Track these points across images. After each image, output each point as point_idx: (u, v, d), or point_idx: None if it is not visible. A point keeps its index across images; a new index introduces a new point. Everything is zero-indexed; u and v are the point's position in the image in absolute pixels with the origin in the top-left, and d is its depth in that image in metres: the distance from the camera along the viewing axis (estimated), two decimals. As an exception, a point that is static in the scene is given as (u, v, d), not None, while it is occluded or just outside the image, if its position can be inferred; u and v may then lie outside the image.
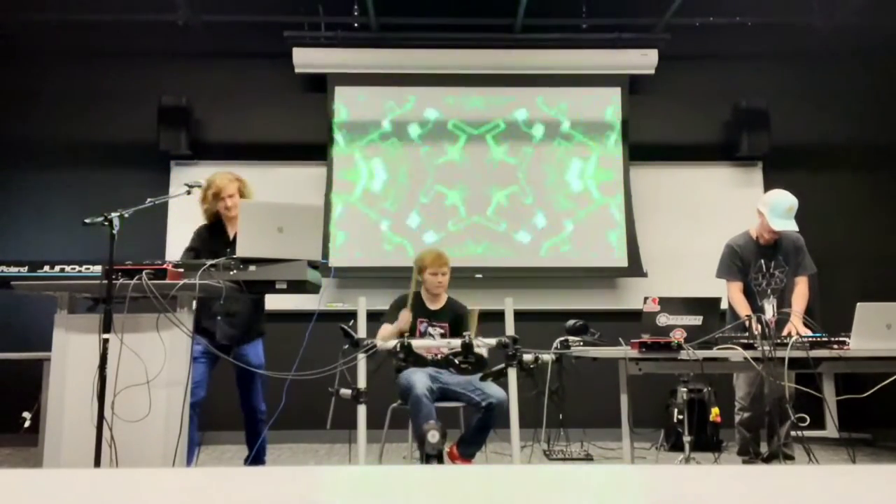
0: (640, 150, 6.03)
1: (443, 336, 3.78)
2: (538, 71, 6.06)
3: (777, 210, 3.75)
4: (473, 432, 3.68)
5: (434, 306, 3.94)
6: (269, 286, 2.77)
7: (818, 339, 3.11)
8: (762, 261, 3.93)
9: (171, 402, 2.63)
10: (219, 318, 3.30)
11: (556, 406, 4.64)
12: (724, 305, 3.87)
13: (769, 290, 3.90)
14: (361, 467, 2.44)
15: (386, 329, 3.73)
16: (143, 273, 2.61)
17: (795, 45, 6.12)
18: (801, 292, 3.87)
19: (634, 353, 3.00)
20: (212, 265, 2.72)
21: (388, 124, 5.99)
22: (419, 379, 3.51)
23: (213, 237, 3.42)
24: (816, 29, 5.93)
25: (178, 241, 5.44)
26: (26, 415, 4.07)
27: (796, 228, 3.75)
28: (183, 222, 5.37)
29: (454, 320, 3.91)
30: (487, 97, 6.05)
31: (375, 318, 3.25)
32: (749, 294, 3.91)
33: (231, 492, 0.84)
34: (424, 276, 3.89)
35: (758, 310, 3.57)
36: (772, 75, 6.17)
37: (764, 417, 3.85)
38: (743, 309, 3.77)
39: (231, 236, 3.39)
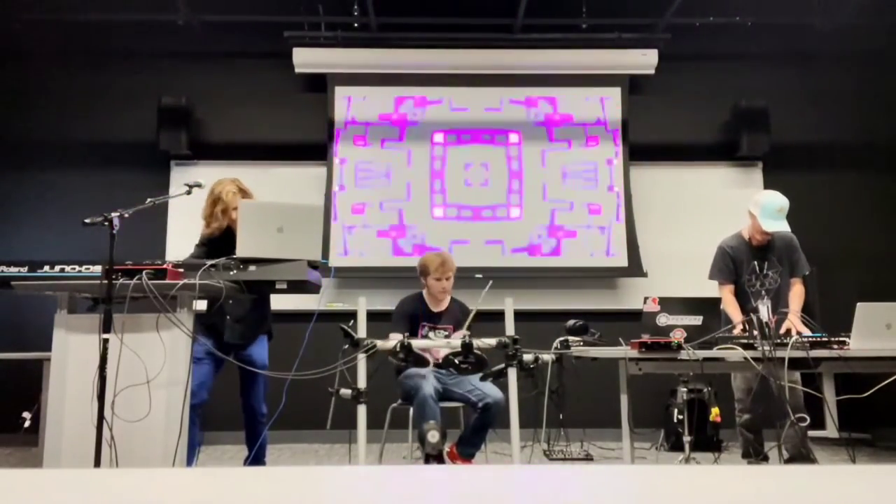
0: (640, 150, 6.03)
1: (447, 338, 3.78)
2: (538, 71, 6.06)
3: (767, 211, 3.72)
4: (472, 432, 3.68)
5: (438, 308, 3.94)
6: (270, 286, 2.77)
7: (818, 339, 3.11)
8: (755, 262, 3.91)
9: (171, 402, 2.63)
10: (227, 317, 3.27)
11: (556, 406, 4.64)
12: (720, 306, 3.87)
13: (763, 291, 3.89)
14: (361, 467, 2.44)
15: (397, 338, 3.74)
16: (143, 273, 2.61)
17: (795, 45, 6.13)
18: (797, 292, 3.86)
19: (634, 353, 3.00)
20: (212, 265, 2.72)
21: (388, 124, 5.99)
22: (426, 380, 3.51)
23: (222, 243, 3.38)
24: (816, 29, 5.93)
25: (178, 241, 5.46)
26: (26, 415, 4.07)
27: (788, 229, 3.72)
28: (183, 222, 5.39)
29: (458, 322, 3.91)
30: (487, 97, 6.05)
31: (375, 318, 3.25)
32: (742, 295, 3.90)
33: (231, 492, 0.84)
34: (428, 280, 3.89)
35: (752, 310, 3.56)
36: (772, 75, 6.16)
37: (764, 418, 3.85)
38: (735, 312, 3.76)
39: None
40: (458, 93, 6.05)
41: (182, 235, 3.59)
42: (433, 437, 3.19)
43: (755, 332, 3.08)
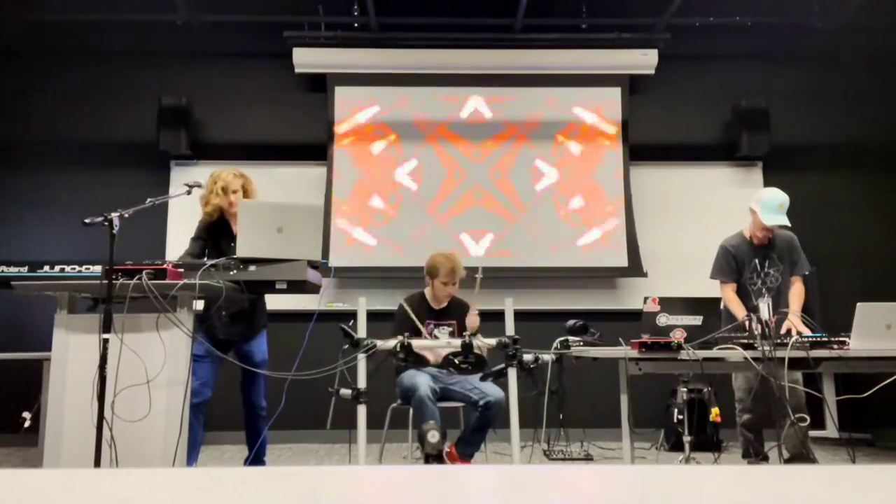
0: (640, 150, 6.03)
1: (451, 334, 3.80)
2: (538, 71, 6.06)
3: (768, 206, 3.75)
4: (472, 432, 3.68)
5: (439, 306, 3.96)
6: (269, 286, 2.77)
7: (818, 339, 3.11)
8: (756, 260, 3.92)
9: (171, 402, 2.63)
10: (223, 313, 3.28)
11: (556, 406, 4.64)
12: (720, 306, 3.87)
13: (764, 290, 3.90)
14: (361, 467, 2.44)
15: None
16: (143, 273, 2.61)
17: (795, 45, 6.13)
18: (797, 291, 3.87)
19: (634, 353, 3.00)
20: (212, 265, 2.72)
21: (388, 124, 5.99)
22: (423, 380, 3.51)
23: (219, 232, 3.40)
24: (816, 29, 5.93)
25: (178, 241, 5.45)
26: (26, 415, 4.08)
27: (788, 223, 3.75)
28: (183, 222, 5.37)
29: (460, 317, 3.92)
30: (487, 97, 6.05)
31: (375, 318, 3.25)
32: (744, 294, 3.91)
33: (231, 492, 0.84)
34: (434, 283, 3.90)
35: (752, 309, 3.57)
36: (772, 75, 6.17)
37: (765, 417, 3.84)
38: (738, 310, 3.77)
39: (236, 232, 3.38)
40: (458, 93, 6.05)
41: (182, 235, 3.59)
42: (433, 437, 3.19)
43: (755, 332, 3.08)
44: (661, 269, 5.77)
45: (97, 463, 2.52)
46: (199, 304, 2.80)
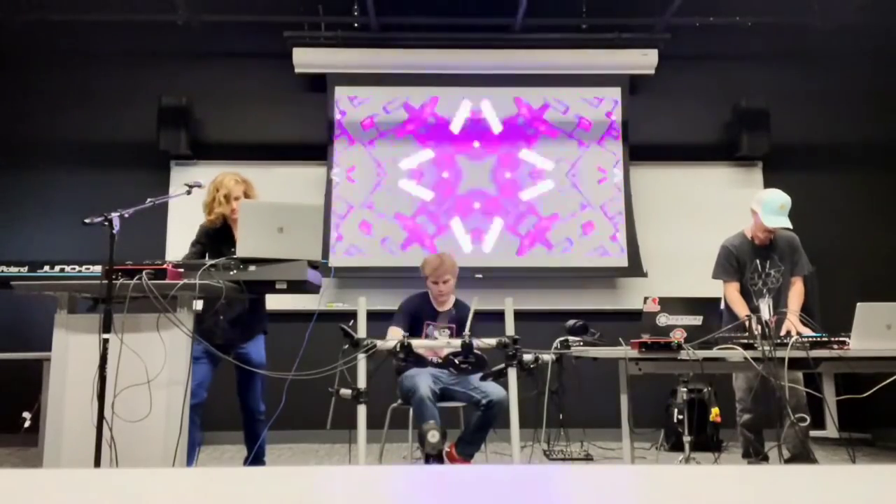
0: (640, 150, 6.03)
1: (451, 336, 3.79)
2: (538, 71, 6.06)
3: (770, 207, 3.75)
4: (473, 431, 3.68)
5: (442, 308, 3.96)
6: (269, 286, 2.77)
7: (818, 339, 3.11)
8: (757, 260, 3.93)
9: (171, 402, 2.63)
10: (221, 317, 3.27)
11: (556, 406, 4.64)
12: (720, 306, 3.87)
13: (765, 290, 3.90)
14: (361, 467, 2.44)
15: (396, 332, 3.74)
16: (143, 273, 2.61)
17: (795, 45, 6.12)
18: (797, 291, 3.87)
19: (634, 353, 3.00)
20: (212, 265, 2.72)
21: (388, 124, 5.99)
22: (423, 381, 3.51)
23: (220, 237, 3.40)
24: (816, 29, 5.92)
25: (178, 241, 5.46)
26: (26, 415, 4.08)
27: (789, 225, 3.74)
28: (183, 222, 5.38)
29: (461, 321, 3.91)
30: (487, 97, 6.05)
31: (375, 318, 3.25)
32: (744, 294, 3.91)
33: (231, 492, 0.84)
34: (428, 283, 3.91)
35: (753, 310, 3.57)
36: (772, 75, 6.16)
37: (766, 417, 3.84)
38: (742, 309, 3.77)
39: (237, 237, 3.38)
40: (458, 93, 6.04)
41: (182, 235, 3.59)
42: (433, 437, 3.19)
43: (756, 332, 3.08)
44: (661, 269, 5.77)
45: (97, 463, 2.52)
46: (199, 305, 2.80)
